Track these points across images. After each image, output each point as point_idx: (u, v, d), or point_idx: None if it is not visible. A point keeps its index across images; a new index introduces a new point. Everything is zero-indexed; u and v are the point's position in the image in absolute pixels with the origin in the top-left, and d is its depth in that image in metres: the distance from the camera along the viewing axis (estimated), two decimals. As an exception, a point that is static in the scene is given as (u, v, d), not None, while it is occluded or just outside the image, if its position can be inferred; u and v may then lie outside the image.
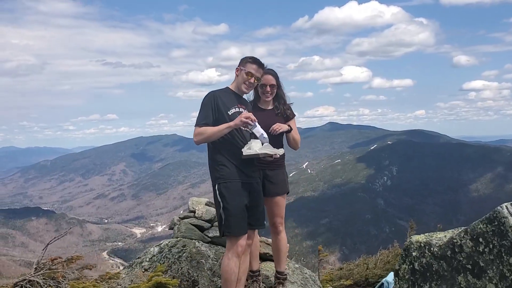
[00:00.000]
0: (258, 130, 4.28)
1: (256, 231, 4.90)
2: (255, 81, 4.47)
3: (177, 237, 5.99)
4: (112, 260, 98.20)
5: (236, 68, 4.52)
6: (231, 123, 4.20)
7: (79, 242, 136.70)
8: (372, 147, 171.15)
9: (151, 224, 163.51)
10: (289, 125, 4.96)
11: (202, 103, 4.39)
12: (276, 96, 5.00)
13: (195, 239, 5.91)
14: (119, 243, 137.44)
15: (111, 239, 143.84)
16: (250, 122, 4.20)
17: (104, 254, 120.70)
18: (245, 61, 4.47)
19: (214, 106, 4.32)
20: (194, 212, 6.28)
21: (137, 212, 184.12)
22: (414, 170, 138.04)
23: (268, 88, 4.87)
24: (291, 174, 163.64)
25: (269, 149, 4.33)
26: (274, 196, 4.96)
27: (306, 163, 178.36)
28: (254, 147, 4.28)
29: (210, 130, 4.22)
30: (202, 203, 6.28)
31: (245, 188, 4.34)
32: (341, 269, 8.94)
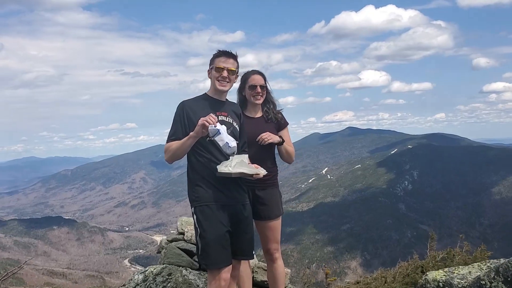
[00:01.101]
0: (222, 137, 3.55)
1: (247, 261, 4.39)
2: (229, 74, 3.83)
3: (163, 263, 5.35)
4: (134, 268, 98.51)
5: (207, 71, 3.93)
6: (192, 132, 3.60)
7: (101, 251, 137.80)
8: (393, 152, 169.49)
9: (172, 231, 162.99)
10: (280, 136, 4.38)
11: (174, 115, 3.86)
12: (265, 101, 4.44)
13: (183, 266, 5.24)
14: (140, 251, 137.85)
15: (132, 247, 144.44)
16: (206, 123, 3.49)
17: (126, 262, 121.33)
18: (211, 59, 3.91)
19: (184, 118, 3.76)
20: (184, 234, 5.61)
21: (157, 220, 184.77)
22: (435, 174, 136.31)
23: (259, 89, 4.32)
24: (310, 180, 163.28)
25: (246, 168, 3.65)
26: (268, 220, 4.39)
27: (326, 169, 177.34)
28: (232, 165, 3.60)
29: (174, 145, 3.69)
30: (192, 223, 5.55)
31: (226, 212, 3.71)
32: (358, 283, 8.39)
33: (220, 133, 3.53)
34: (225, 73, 3.80)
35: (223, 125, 3.64)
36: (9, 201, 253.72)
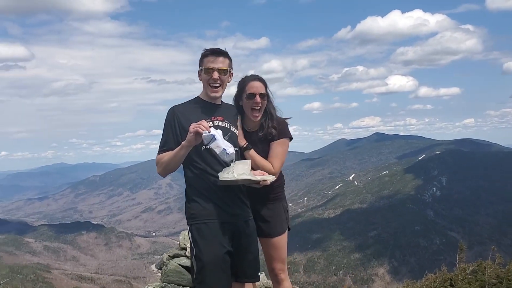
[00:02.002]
0: (218, 144, 3.16)
1: (251, 284, 3.81)
2: (221, 75, 3.41)
3: (163, 281, 5.02)
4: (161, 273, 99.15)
5: (198, 72, 3.51)
6: (183, 141, 3.20)
7: (128, 255, 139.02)
8: (420, 157, 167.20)
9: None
10: (247, 143, 3.65)
11: (164, 123, 3.45)
12: (264, 112, 3.74)
13: (183, 286, 4.86)
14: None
15: (159, 252, 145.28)
16: (199, 130, 3.11)
17: (153, 267, 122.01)
18: (200, 59, 3.48)
19: (176, 126, 3.35)
20: (186, 249, 5.18)
21: (183, 225, 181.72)
22: (464, 180, 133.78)
23: (258, 98, 3.62)
24: (337, 187, 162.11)
25: (252, 175, 3.28)
26: (268, 238, 3.81)
27: (353, 175, 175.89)
28: (236, 171, 3.21)
29: (166, 157, 3.30)
30: None
31: (226, 231, 3.31)
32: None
33: (215, 139, 3.15)
34: (215, 75, 3.38)
35: (218, 130, 3.27)
36: (39, 206, 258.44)
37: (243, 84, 3.72)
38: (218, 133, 3.19)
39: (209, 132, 3.11)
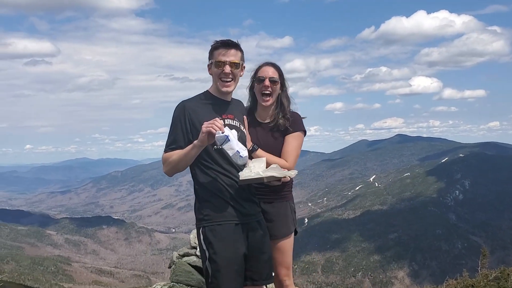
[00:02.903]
0: (231, 145, 2.94)
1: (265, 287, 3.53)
2: (233, 68, 3.17)
3: (171, 281, 4.83)
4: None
5: (207, 65, 3.27)
6: (195, 141, 2.96)
7: (148, 251, 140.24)
8: (443, 160, 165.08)
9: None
10: (253, 144, 3.45)
11: (172, 119, 3.21)
12: (277, 102, 3.56)
13: (191, 286, 4.67)
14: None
15: (178, 248, 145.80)
16: (212, 130, 2.87)
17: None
18: (210, 51, 3.24)
19: (186, 123, 3.12)
20: (197, 248, 4.91)
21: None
22: (488, 183, 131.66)
23: (267, 82, 3.45)
24: (357, 188, 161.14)
25: (277, 171, 3.12)
26: (274, 239, 3.51)
27: (374, 176, 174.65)
28: (256, 168, 3.09)
29: (175, 156, 3.06)
30: None
31: (242, 232, 3.13)
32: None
33: (229, 141, 2.92)
34: (227, 69, 3.15)
35: (233, 130, 3.07)
36: (62, 200, 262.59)
37: (256, 70, 3.58)
38: (233, 134, 2.98)
39: (222, 133, 2.88)
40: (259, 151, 3.44)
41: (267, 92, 3.48)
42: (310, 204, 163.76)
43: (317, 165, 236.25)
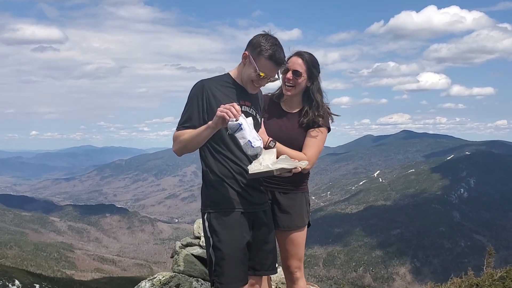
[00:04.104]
0: (244, 134, 2.74)
1: (267, 277, 3.49)
2: (269, 81, 3.03)
3: (173, 271, 4.70)
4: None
5: (244, 53, 3.00)
6: (210, 122, 2.79)
7: (150, 240, 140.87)
8: (449, 157, 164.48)
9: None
10: (271, 139, 3.25)
11: (188, 97, 3.04)
12: (307, 96, 3.37)
13: (194, 277, 4.53)
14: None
15: (180, 239, 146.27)
16: (226, 116, 2.69)
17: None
18: (258, 51, 2.91)
19: (204, 103, 2.95)
20: (200, 238, 4.84)
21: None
22: (494, 182, 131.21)
23: (290, 75, 3.27)
24: (361, 183, 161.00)
25: (287, 162, 2.94)
26: (287, 230, 3.41)
27: (378, 172, 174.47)
28: (266, 161, 2.91)
29: (187, 134, 2.89)
30: None
31: (247, 220, 3.02)
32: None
33: (242, 129, 2.72)
34: (264, 82, 3.03)
35: (249, 118, 2.86)
36: (66, 187, 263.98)
37: (288, 58, 3.35)
38: (247, 122, 2.78)
39: (236, 120, 2.68)
40: (278, 146, 3.24)
41: (290, 84, 3.31)
42: (313, 197, 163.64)
43: (321, 159, 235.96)
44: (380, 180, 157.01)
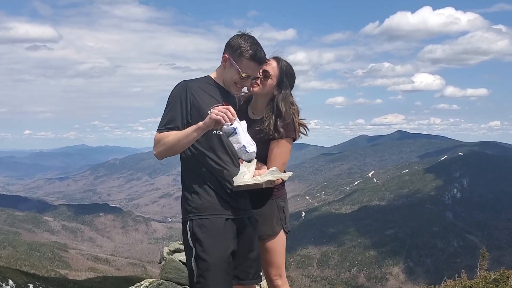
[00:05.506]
0: (238, 139, 2.73)
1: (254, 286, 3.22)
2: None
3: (161, 278, 4.60)
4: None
5: (224, 56, 2.91)
6: (200, 123, 2.65)
7: (144, 240, 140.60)
8: (443, 158, 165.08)
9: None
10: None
11: (169, 97, 2.88)
12: (272, 104, 3.18)
13: (182, 284, 4.42)
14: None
15: (174, 238, 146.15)
16: (222, 120, 2.60)
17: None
18: (238, 52, 2.84)
19: (188, 103, 2.80)
20: None
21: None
22: (486, 183, 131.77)
23: (260, 73, 3.11)
24: (355, 183, 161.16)
25: (274, 174, 2.82)
26: (264, 238, 3.23)
27: (372, 172, 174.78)
28: (251, 173, 2.79)
29: (172, 136, 2.72)
30: None
31: (232, 228, 2.84)
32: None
33: (236, 134, 2.68)
34: (248, 83, 2.96)
35: (243, 122, 2.81)
36: (60, 186, 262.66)
37: None
38: (242, 126, 2.74)
39: (231, 124, 2.64)
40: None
41: (256, 82, 3.12)
42: (308, 197, 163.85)
43: (316, 159, 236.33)
44: (375, 180, 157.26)
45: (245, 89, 3.16)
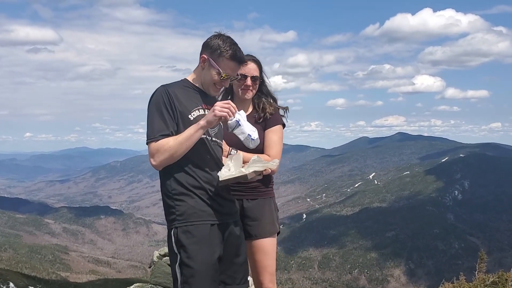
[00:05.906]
0: (243, 129, 2.72)
1: None
2: (231, 81, 2.94)
3: (150, 282, 4.59)
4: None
5: (202, 56, 2.86)
6: (202, 122, 2.65)
7: (145, 242, 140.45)
8: (443, 160, 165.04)
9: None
10: (232, 148, 3.20)
11: (150, 104, 2.78)
12: (258, 95, 3.39)
13: None
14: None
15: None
16: (229, 113, 2.64)
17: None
18: (218, 53, 2.80)
19: (172, 108, 2.74)
20: None
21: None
22: (487, 184, 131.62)
23: (249, 82, 3.27)
24: (356, 185, 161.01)
25: (259, 164, 2.79)
26: (259, 239, 3.21)
27: (373, 174, 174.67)
28: (236, 166, 2.75)
29: (172, 142, 2.65)
30: None
31: (218, 233, 2.79)
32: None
33: (240, 125, 2.69)
34: (227, 83, 2.92)
35: (242, 111, 2.80)
36: (61, 189, 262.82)
37: None
38: (242, 116, 2.73)
39: (233, 118, 2.66)
40: (239, 153, 3.07)
41: (250, 89, 3.31)
42: (308, 199, 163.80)
43: (317, 161, 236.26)
44: (375, 182, 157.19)
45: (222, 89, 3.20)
